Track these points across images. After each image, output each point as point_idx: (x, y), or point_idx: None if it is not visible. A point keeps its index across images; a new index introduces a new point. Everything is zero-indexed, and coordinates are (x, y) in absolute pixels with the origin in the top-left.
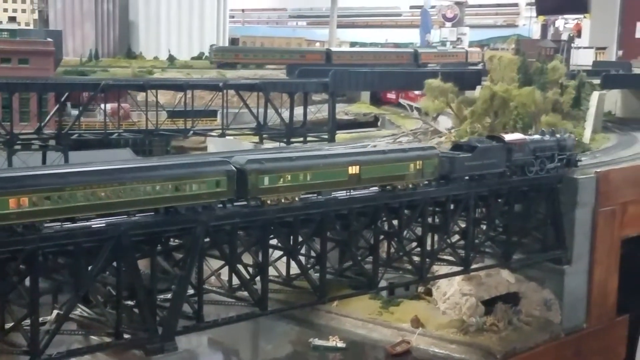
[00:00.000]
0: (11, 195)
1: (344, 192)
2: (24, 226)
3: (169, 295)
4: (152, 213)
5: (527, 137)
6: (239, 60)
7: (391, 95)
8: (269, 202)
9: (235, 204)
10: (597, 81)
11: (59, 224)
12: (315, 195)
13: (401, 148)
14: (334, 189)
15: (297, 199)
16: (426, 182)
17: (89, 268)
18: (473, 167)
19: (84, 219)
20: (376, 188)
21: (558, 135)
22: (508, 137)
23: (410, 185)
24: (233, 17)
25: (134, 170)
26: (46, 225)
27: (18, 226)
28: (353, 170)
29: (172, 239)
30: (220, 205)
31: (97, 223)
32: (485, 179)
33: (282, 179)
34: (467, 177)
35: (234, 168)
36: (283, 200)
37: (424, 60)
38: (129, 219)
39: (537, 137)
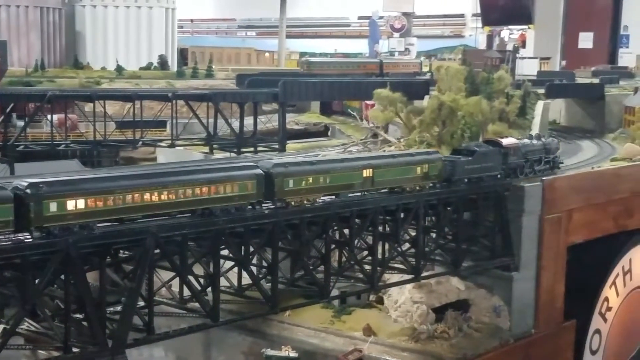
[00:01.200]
0: (69, 197)
1: (359, 193)
2: (80, 226)
3: (118, 308)
4: (190, 215)
5: (519, 141)
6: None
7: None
8: (292, 202)
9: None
10: (541, 91)
11: (109, 224)
12: (334, 196)
13: (409, 152)
14: (349, 190)
15: (317, 200)
16: (431, 185)
17: (36, 281)
18: (473, 170)
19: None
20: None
21: (543, 140)
22: (505, 141)
23: (417, 187)
24: (182, 27)
25: (176, 174)
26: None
27: (75, 226)
28: (367, 173)
29: (121, 251)
30: (250, 207)
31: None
32: (483, 181)
33: (304, 182)
34: (466, 180)
35: (262, 172)
36: (305, 202)
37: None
38: (77, 232)
39: (527, 141)
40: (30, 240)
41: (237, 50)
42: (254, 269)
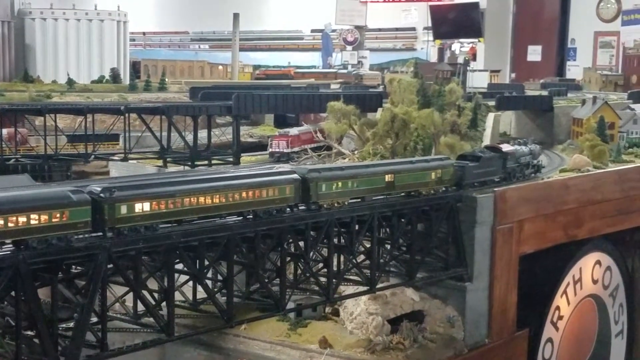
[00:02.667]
0: (137, 200)
1: (382, 196)
2: (145, 227)
3: (71, 324)
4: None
5: (514, 147)
6: None
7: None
8: (325, 205)
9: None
10: (492, 103)
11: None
12: (360, 199)
13: (424, 159)
14: (373, 194)
15: (346, 202)
16: (444, 189)
17: None
18: (479, 175)
19: None
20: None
21: (530, 146)
22: (504, 147)
23: (432, 192)
24: (134, 40)
25: (226, 179)
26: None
27: (140, 227)
28: (389, 178)
29: (73, 266)
30: (289, 210)
31: None
32: (486, 184)
33: (334, 186)
34: (475, 184)
35: (299, 177)
36: (335, 204)
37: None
38: (24, 249)
39: (518, 147)
40: None
41: (190, 63)
42: (209, 282)
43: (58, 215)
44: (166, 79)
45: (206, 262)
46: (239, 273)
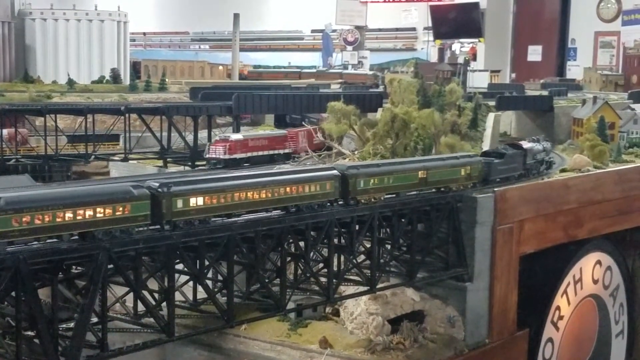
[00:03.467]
0: (191, 195)
1: (415, 192)
2: (200, 221)
3: (71, 324)
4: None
5: (532, 144)
6: None
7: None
8: (362, 200)
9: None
10: (492, 103)
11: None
12: (395, 195)
13: (454, 156)
14: (407, 190)
15: (381, 198)
16: (471, 185)
17: None
18: (503, 171)
19: None
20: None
21: (543, 143)
22: (524, 144)
23: (461, 187)
24: (134, 40)
25: (271, 175)
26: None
27: (194, 221)
28: (422, 174)
29: (74, 267)
30: (328, 204)
31: None
32: (508, 180)
33: (371, 182)
34: (498, 179)
35: (338, 173)
36: (372, 200)
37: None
38: (27, 247)
39: (534, 144)
40: None
41: (190, 64)
42: (209, 283)
43: (121, 208)
44: (166, 79)
45: (206, 262)
46: (239, 273)
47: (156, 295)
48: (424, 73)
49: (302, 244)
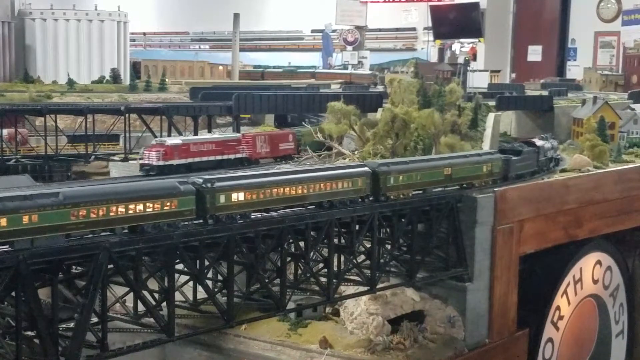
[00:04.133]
0: (233, 191)
1: (440, 188)
2: (240, 215)
3: (71, 324)
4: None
5: (542, 141)
6: None
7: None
8: (392, 197)
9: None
10: (492, 103)
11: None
12: (422, 191)
13: (476, 153)
14: (433, 186)
15: (410, 194)
16: (491, 182)
17: None
18: (520, 168)
19: None
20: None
21: (551, 141)
22: (537, 142)
23: (483, 184)
24: (134, 40)
25: (307, 172)
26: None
27: (236, 215)
28: (447, 171)
29: (74, 267)
30: (360, 200)
31: None
32: (523, 177)
33: (401, 179)
34: (514, 176)
35: (370, 170)
36: (401, 196)
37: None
38: (29, 248)
39: (544, 142)
40: None
41: (190, 64)
42: (209, 283)
43: (168, 203)
44: (166, 80)
45: (206, 262)
46: (239, 273)
47: (156, 295)
48: (424, 73)
49: (302, 244)
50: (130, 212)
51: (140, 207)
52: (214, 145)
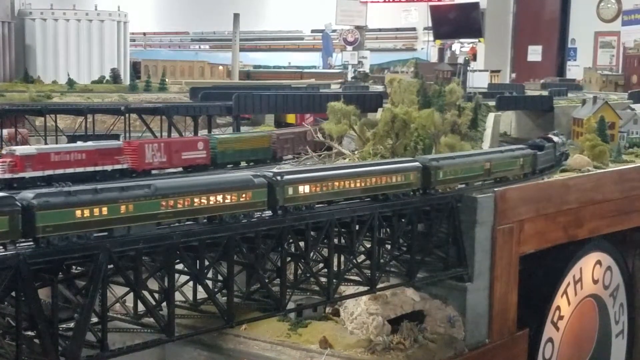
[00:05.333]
0: (299, 184)
1: (480, 182)
2: (305, 207)
3: (71, 324)
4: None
5: (556, 137)
6: None
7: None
8: (440, 190)
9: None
10: (492, 103)
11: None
12: (465, 185)
13: (510, 148)
14: (475, 180)
15: (455, 188)
16: (522, 175)
17: None
18: (543, 162)
19: None
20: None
21: (561, 136)
22: (554, 138)
23: (516, 177)
24: (134, 40)
25: (364, 166)
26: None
27: (301, 207)
28: (487, 166)
29: (74, 267)
30: (412, 193)
31: None
32: (543, 171)
33: (448, 173)
34: (537, 170)
35: (421, 165)
36: (448, 189)
37: None
38: (27, 248)
39: (557, 137)
40: None
41: (190, 64)
42: (209, 283)
43: (244, 195)
44: (166, 80)
45: (206, 262)
46: (239, 273)
47: (156, 295)
48: (424, 73)
49: (302, 244)
50: (211, 203)
51: (219, 198)
52: (84, 155)
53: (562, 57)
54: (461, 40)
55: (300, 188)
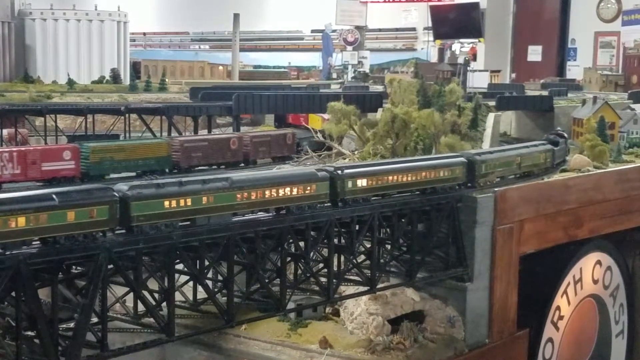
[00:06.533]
0: (358, 177)
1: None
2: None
3: (71, 324)
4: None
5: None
6: None
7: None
8: (481, 184)
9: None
10: (492, 103)
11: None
12: (499, 179)
13: (533, 143)
14: (508, 174)
15: (494, 181)
16: (544, 170)
17: None
18: (558, 157)
19: None
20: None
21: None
22: (564, 133)
23: (539, 172)
24: (134, 40)
25: (413, 161)
26: None
27: (359, 199)
28: (517, 160)
29: (74, 267)
30: (457, 187)
31: None
32: (557, 165)
33: (489, 167)
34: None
35: (466, 159)
36: (487, 184)
37: None
38: (27, 248)
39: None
40: None
41: (190, 64)
42: (209, 283)
43: (309, 188)
44: (166, 80)
45: (206, 263)
46: (239, 273)
47: (156, 295)
48: (424, 73)
49: (302, 244)
50: (280, 195)
51: (288, 190)
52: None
53: (562, 57)
54: (461, 40)
55: (359, 182)
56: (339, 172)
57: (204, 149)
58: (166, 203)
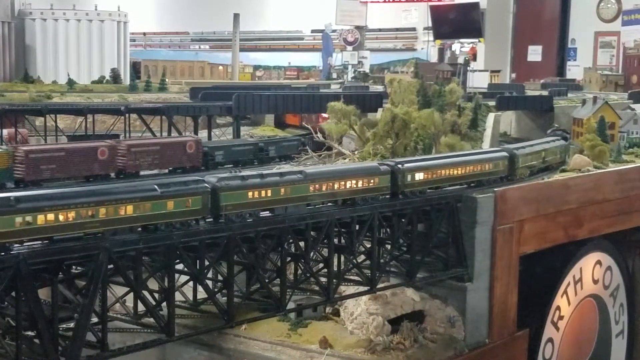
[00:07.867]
0: (416, 171)
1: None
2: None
3: (71, 324)
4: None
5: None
6: None
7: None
8: (518, 176)
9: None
10: (492, 103)
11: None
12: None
13: (551, 139)
14: (536, 167)
15: (526, 175)
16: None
17: None
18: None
19: None
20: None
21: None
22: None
23: (554, 166)
24: (134, 40)
25: (459, 155)
26: None
27: (416, 191)
28: (543, 154)
29: (74, 267)
30: (499, 180)
31: None
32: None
33: (524, 161)
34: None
35: (507, 154)
36: (523, 176)
37: None
38: (28, 248)
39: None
40: None
41: (190, 64)
42: (209, 283)
43: (372, 181)
44: (166, 80)
45: (206, 263)
46: (239, 273)
47: (156, 295)
48: (424, 73)
49: (302, 244)
50: (348, 187)
51: (353, 183)
52: None
53: (562, 57)
54: (461, 40)
55: (417, 175)
56: (400, 166)
57: (59, 161)
58: (250, 194)
